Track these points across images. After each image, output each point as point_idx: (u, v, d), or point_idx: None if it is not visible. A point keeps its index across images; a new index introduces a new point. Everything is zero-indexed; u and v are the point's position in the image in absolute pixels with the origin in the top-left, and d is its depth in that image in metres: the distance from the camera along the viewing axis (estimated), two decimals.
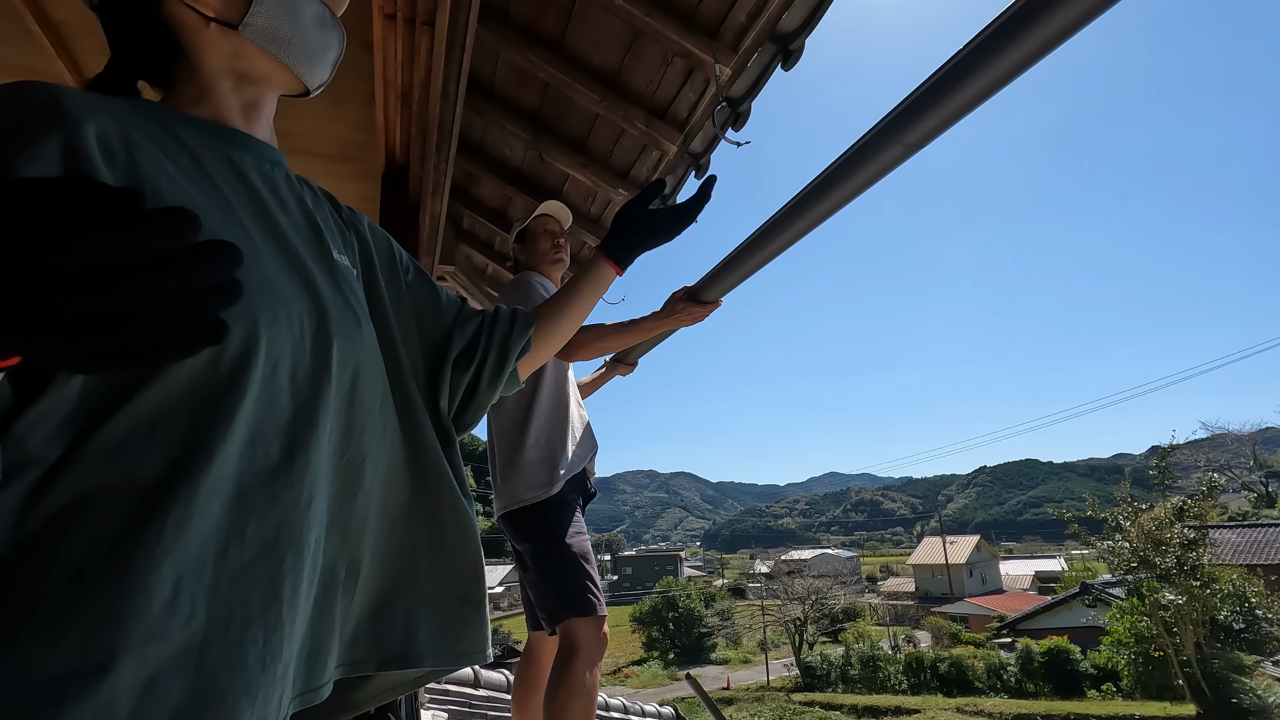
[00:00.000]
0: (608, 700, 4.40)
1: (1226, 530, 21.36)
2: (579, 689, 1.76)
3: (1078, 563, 36.92)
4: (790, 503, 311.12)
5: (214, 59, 0.73)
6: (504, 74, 2.41)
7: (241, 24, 0.72)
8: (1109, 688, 18.05)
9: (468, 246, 3.54)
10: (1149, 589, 14.99)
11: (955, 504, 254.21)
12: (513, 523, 1.99)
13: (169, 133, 0.65)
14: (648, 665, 30.54)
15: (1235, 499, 41.78)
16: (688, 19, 2.00)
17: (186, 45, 0.73)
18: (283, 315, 0.61)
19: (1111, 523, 16.66)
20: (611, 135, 2.56)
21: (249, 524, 0.56)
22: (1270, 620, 15.15)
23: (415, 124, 1.80)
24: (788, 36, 1.78)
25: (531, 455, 2.00)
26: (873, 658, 22.93)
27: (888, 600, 41.44)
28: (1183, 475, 29.74)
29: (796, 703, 21.63)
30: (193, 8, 0.71)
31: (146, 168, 0.59)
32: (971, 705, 18.82)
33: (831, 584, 32.13)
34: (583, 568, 1.89)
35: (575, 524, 1.96)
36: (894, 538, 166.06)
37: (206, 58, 0.73)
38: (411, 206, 2.13)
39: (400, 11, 1.39)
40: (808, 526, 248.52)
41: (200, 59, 0.73)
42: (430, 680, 0.88)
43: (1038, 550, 74.92)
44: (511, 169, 2.93)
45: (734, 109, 2.00)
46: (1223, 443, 54.33)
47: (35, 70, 1.72)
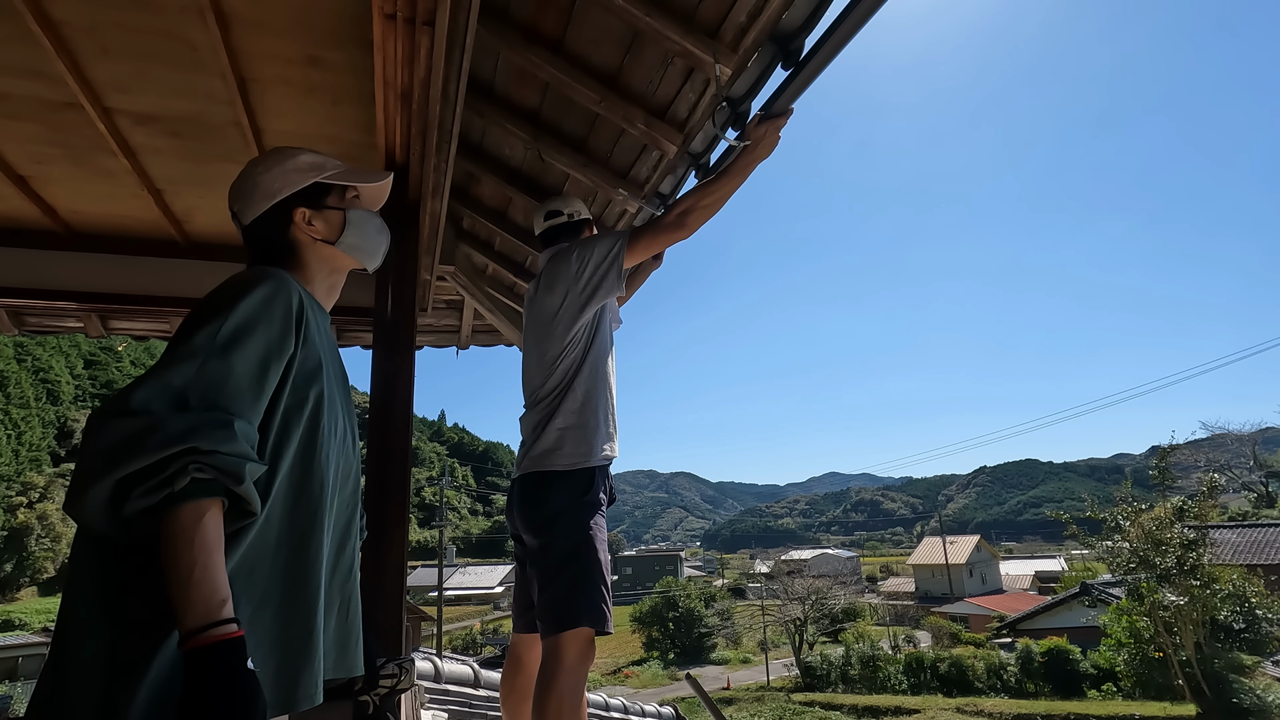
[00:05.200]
0: (608, 700, 4.40)
1: (1226, 530, 21.36)
2: (574, 702, 1.74)
3: (1078, 563, 36.90)
4: (790, 503, 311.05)
5: (315, 260, 1.22)
6: (504, 74, 2.41)
7: (338, 241, 1.22)
8: (1109, 688, 18.04)
9: (468, 246, 3.54)
10: (1148, 589, 14.98)
11: (955, 504, 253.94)
12: (550, 484, 1.94)
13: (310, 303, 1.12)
14: (648, 665, 30.55)
15: (1235, 499, 41.73)
16: (688, 19, 1.99)
17: (299, 251, 1.21)
18: (342, 469, 1.14)
19: (1111, 523, 16.64)
20: (611, 135, 2.56)
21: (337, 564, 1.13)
22: (1270, 620, 15.14)
23: (415, 124, 1.80)
24: (788, 36, 1.78)
25: (593, 420, 1.99)
26: (873, 658, 22.92)
27: (888, 600, 41.45)
28: (1183, 475, 29.70)
29: (796, 703, 21.62)
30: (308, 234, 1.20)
31: (313, 328, 1.09)
32: (971, 705, 18.82)
33: (831, 584, 32.11)
34: (606, 578, 1.88)
35: (603, 530, 1.95)
36: (894, 538, 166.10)
37: (311, 259, 1.21)
38: (411, 206, 2.12)
39: (400, 11, 1.39)
40: (808, 526, 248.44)
41: (308, 259, 1.21)
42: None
43: (1038, 550, 74.87)
44: (511, 169, 2.93)
45: (734, 109, 1.99)
46: (1223, 443, 54.22)
47: (35, 70, 1.72)
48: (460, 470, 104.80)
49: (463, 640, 33.76)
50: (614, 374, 2.15)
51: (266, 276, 1.04)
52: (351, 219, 1.23)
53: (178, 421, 0.84)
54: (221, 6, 1.56)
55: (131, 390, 0.86)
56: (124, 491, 0.82)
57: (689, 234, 1.97)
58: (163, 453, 0.82)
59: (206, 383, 0.90)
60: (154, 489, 0.82)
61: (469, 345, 4.35)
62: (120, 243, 2.66)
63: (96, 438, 0.83)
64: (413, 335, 2.08)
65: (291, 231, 1.19)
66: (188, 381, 0.89)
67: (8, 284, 2.59)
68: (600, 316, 2.11)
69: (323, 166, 1.23)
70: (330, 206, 1.22)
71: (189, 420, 0.85)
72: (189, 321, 0.96)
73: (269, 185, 1.19)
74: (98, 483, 0.81)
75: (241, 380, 0.93)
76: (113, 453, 0.81)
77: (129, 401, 0.85)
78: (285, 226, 1.19)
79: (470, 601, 48.31)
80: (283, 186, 1.18)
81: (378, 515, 1.88)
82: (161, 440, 0.82)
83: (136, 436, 0.82)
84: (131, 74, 1.76)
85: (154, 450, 0.81)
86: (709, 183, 1.96)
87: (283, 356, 1.00)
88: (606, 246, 2.02)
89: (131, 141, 2.06)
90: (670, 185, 2.59)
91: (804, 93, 1.79)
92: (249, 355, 0.95)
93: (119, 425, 0.83)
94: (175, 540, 0.82)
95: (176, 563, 0.81)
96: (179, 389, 0.88)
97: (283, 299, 1.03)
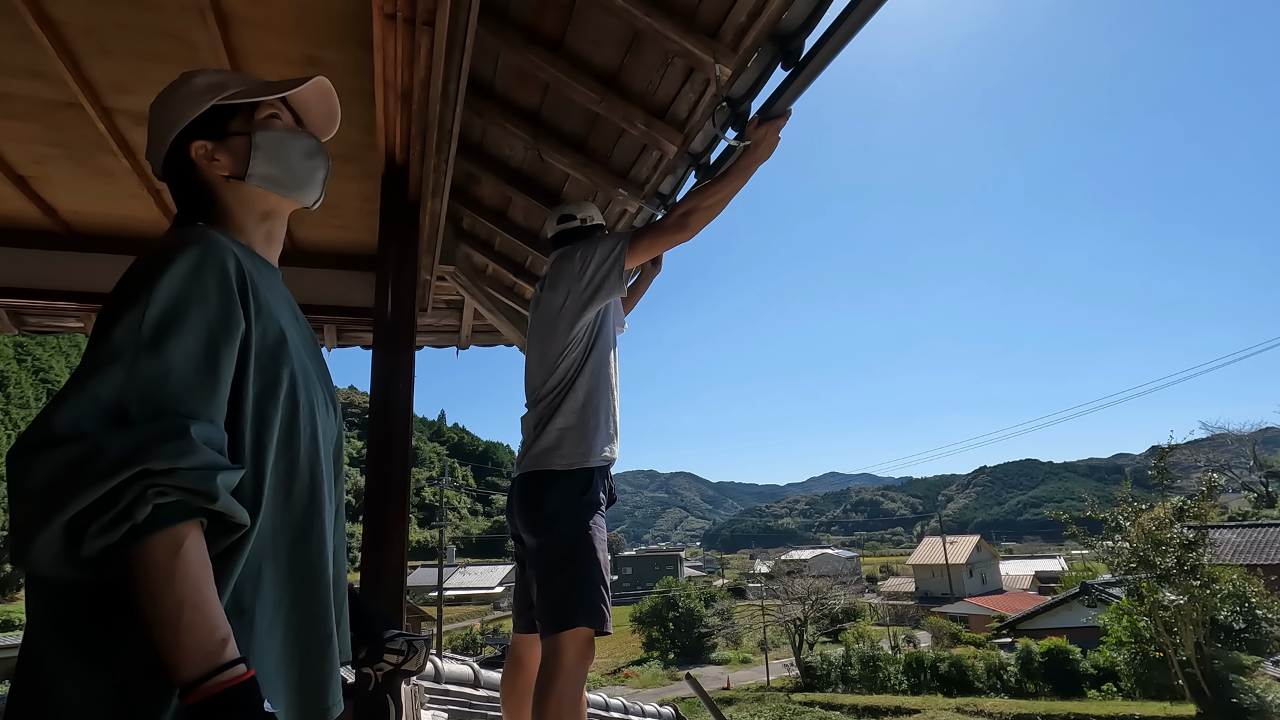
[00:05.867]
0: (608, 700, 4.40)
1: (1226, 530, 21.35)
2: (574, 702, 1.74)
3: (1078, 563, 36.88)
4: (790, 503, 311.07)
5: (237, 206, 1.00)
6: (504, 74, 2.41)
7: (247, 175, 0.98)
8: (1109, 688, 18.03)
9: (468, 246, 3.54)
10: (1148, 589, 14.98)
11: (955, 504, 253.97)
12: (549, 483, 1.95)
13: (251, 261, 0.93)
14: (648, 665, 30.53)
15: (1235, 499, 41.75)
16: (688, 19, 1.99)
17: (217, 197, 0.99)
18: (331, 440, 1.01)
19: (1111, 523, 16.64)
20: (611, 135, 2.56)
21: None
22: (1270, 620, 15.14)
23: (415, 124, 1.80)
24: (788, 36, 1.78)
25: (594, 420, 1.99)
26: (873, 658, 22.92)
27: (888, 600, 41.44)
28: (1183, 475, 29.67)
29: (796, 703, 21.62)
30: (215, 171, 0.99)
31: (262, 292, 0.90)
32: (971, 705, 18.81)
33: (831, 584, 32.10)
34: (605, 578, 1.88)
35: (603, 530, 1.96)
36: (894, 538, 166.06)
37: (232, 205, 1.00)
38: (411, 206, 2.12)
39: (400, 11, 1.39)
40: (808, 526, 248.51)
41: (229, 205, 1.00)
42: None
43: (1038, 550, 74.88)
44: (511, 169, 2.93)
45: (734, 109, 1.99)
46: (1223, 443, 54.27)
47: (35, 70, 1.72)
48: (460, 470, 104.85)
49: (463, 640, 33.76)
50: (616, 376, 2.15)
51: (186, 241, 0.85)
52: (259, 143, 0.99)
53: (119, 440, 0.69)
54: (221, 6, 1.56)
55: (53, 412, 0.69)
56: (77, 531, 0.68)
57: (691, 235, 1.97)
58: (109, 482, 0.67)
59: (143, 385, 0.73)
60: (111, 524, 0.68)
61: (469, 345, 4.35)
62: (120, 243, 2.66)
63: (25, 479, 0.67)
64: (413, 335, 2.08)
65: (200, 173, 0.98)
66: (119, 389, 0.72)
67: (8, 284, 2.60)
68: (603, 318, 2.11)
69: (223, 85, 0.98)
70: (234, 132, 0.99)
71: (133, 436, 0.70)
72: (104, 316, 0.78)
73: (165, 121, 0.98)
74: (41, 530, 0.66)
75: (186, 374, 0.76)
76: (49, 492, 0.67)
77: (53, 426, 0.68)
78: (192, 168, 0.98)
79: (470, 601, 48.31)
80: (176, 119, 0.97)
81: (378, 515, 1.88)
82: (104, 468, 0.67)
83: (72, 468, 0.67)
84: (131, 74, 1.76)
85: (97, 481, 0.67)
86: (710, 184, 1.97)
87: (232, 335, 0.82)
88: (608, 247, 2.02)
89: (131, 141, 2.06)
90: (670, 185, 2.59)
91: (804, 93, 1.79)
92: (188, 342, 0.77)
93: (47, 459, 0.67)
94: (151, 579, 0.68)
95: (157, 605, 0.68)
96: (110, 400, 0.71)
97: (212, 265, 0.83)
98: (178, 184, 1.00)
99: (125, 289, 0.79)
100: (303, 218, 2.59)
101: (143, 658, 0.70)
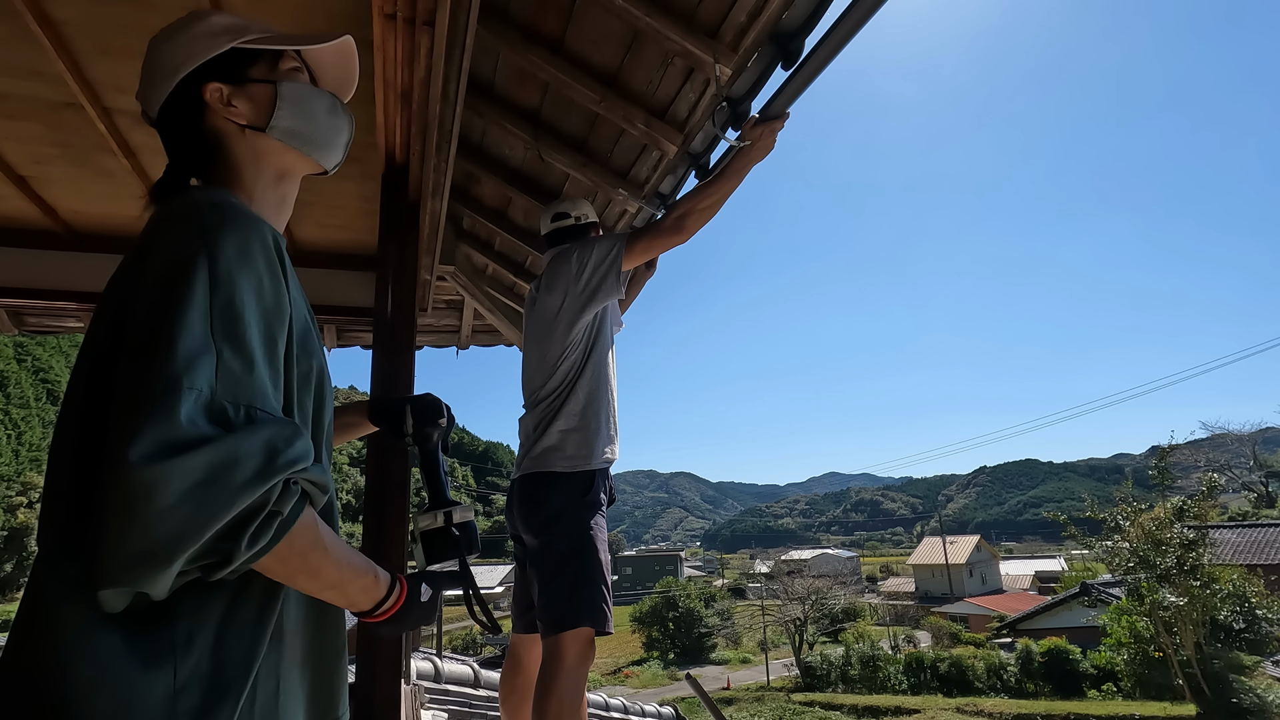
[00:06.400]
0: (608, 700, 4.40)
1: (1226, 530, 21.34)
2: (574, 702, 1.74)
3: (1078, 563, 36.88)
4: (790, 503, 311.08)
5: (249, 160, 0.90)
6: (504, 74, 2.41)
7: (269, 126, 0.89)
8: (1109, 688, 18.03)
9: (468, 246, 3.54)
10: (1148, 589, 14.97)
11: (955, 504, 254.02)
12: (550, 485, 1.95)
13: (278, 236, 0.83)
14: (648, 665, 30.53)
15: (1235, 499, 41.76)
16: (688, 19, 1.99)
17: (227, 149, 0.89)
18: (328, 398, 0.90)
19: (1111, 523, 16.64)
20: (611, 135, 2.56)
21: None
22: (1270, 620, 15.13)
23: (415, 124, 1.80)
24: (788, 37, 1.78)
25: (595, 422, 1.99)
26: (873, 658, 22.92)
27: (888, 600, 41.42)
28: (1183, 475, 29.72)
29: (796, 703, 21.62)
30: (229, 119, 0.88)
31: (290, 273, 0.81)
32: (971, 705, 18.81)
33: (831, 584, 32.12)
34: (607, 578, 1.88)
35: (603, 530, 1.96)
36: (894, 538, 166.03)
37: (244, 159, 0.89)
38: (411, 206, 2.12)
39: (400, 11, 1.39)
40: (808, 526, 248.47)
41: (240, 159, 0.89)
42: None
43: (1038, 550, 74.85)
44: (511, 169, 2.93)
45: (734, 109, 1.99)
46: (1223, 443, 54.25)
47: (35, 70, 1.72)
48: (460, 470, 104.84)
49: (463, 640, 33.73)
50: (615, 376, 2.15)
51: (220, 208, 0.75)
52: (285, 93, 0.90)
53: (250, 440, 0.65)
54: (221, 7, 1.56)
55: (170, 411, 0.61)
56: (220, 543, 0.64)
57: (688, 237, 1.98)
58: (266, 483, 0.64)
59: (234, 379, 0.67)
60: (262, 527, 0.66)
61: (469, 345, 4.35)
62: (120, 243, 2.66)
63: (165, 489, 0.59)
64: (413, 335, 2.08)
65: (209, 120, 0.88)
66: (216, 384, 0.65)
67: (8, 284, 2.60)
68: (601, 318, 2.11)
69: (243, 29, 0.90)
70: (255, 79, 0.90)
71: (261, 434, 0.66)
72: (156, 296, 0.68)
73: (170, 58, 0.88)
74: (192, 543, 0.61)
75: (262, 368, 0.71)
76: (199, 502, 0.60)
77: (182, 428, 0.61)
78: (199, 114, 0.88)
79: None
80: (187, 57, 0.87)
81: (378, 515, 1.88)
82: (256, 469, 0.64)
83: (221, 471, 0.62)
84: (131, 74, 1.75)
85: (255, 483, 0.63)
86: (705, 186, 1.97)
87: (285, 322, 0.76)
88: (605, 248, 2.02)
89: (131, 141, 2.06)
90: (670, 185, 2.59)
91: (804, 93, 1.79)
92: (253, 331, 0.71)
93: (187, 465, 0.60)
94: (307, 562, 0.73)
95: (322, 578, 0.75)
96: (211, 395, 0.65)
97: (258, 239, 0.75)
98: (178, 130, 0.90)
99: (175, 262, 0.70)
100: (303, 218, 2.59)
101: (201, 664, 0.67)
